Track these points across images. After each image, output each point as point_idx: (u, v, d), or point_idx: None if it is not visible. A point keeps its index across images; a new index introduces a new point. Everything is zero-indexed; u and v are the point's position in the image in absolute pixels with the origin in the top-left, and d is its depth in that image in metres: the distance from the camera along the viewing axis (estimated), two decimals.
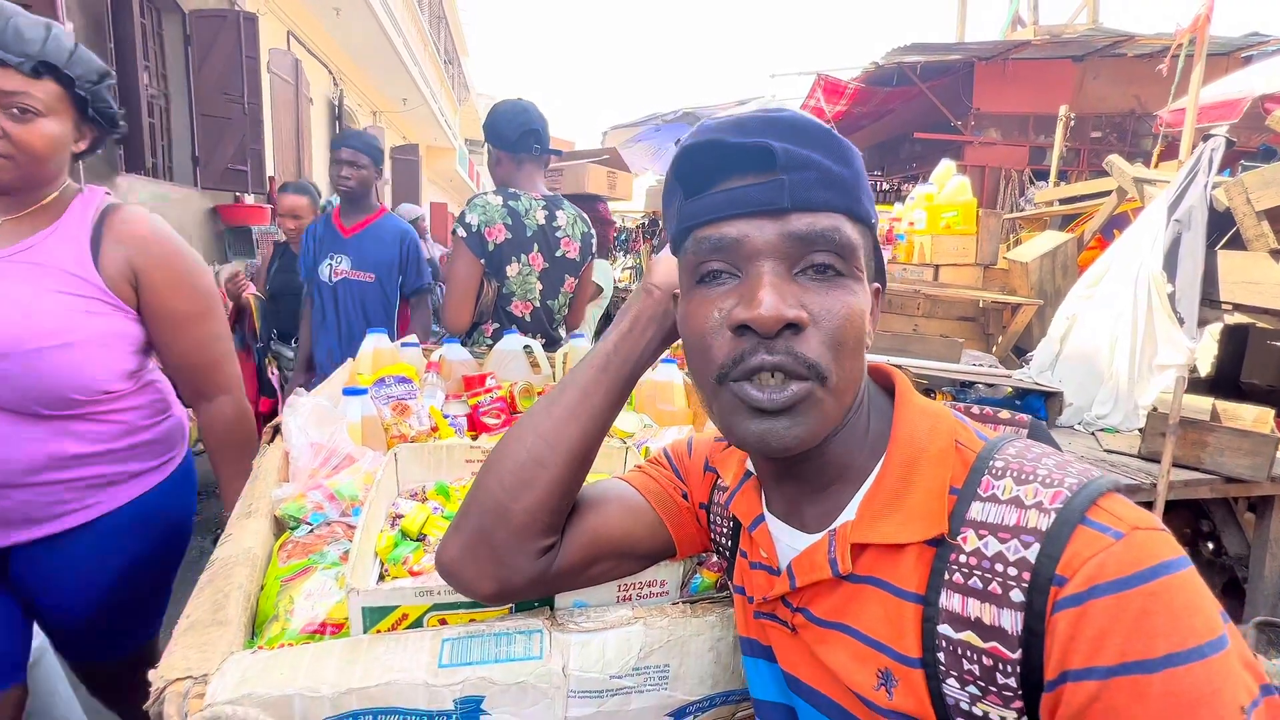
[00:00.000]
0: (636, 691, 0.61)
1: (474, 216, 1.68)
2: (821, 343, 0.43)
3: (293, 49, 6.53)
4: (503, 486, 0.55)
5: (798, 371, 0.43)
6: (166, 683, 0.54)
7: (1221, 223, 2.55)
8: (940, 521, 0.43)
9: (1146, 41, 6.02)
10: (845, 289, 0.44)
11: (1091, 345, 2.72)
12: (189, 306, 1.03)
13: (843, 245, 0.44)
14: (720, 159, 0.45)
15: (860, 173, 0.46)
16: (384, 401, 1.16)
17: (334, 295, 2.23)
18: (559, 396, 0.57)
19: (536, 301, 1.79)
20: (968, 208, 3.89)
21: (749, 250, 0.44)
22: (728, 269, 0.45)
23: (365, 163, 2.22)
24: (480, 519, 0.55)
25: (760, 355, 0.43)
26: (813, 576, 0.48)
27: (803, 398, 0.43)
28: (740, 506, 0.57)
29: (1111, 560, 0.36)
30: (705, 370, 0.46)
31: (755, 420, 0.44)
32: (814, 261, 0.44)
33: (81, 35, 3.56)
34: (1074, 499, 0.39)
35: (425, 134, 13.09)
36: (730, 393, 0.45)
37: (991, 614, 0.40)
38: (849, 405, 0.47)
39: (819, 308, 0.43)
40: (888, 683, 0.44)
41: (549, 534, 0.56)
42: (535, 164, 1.80)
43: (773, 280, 0.43)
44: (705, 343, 0.46)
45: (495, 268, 1.71)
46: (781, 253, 0.44)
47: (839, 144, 0.46)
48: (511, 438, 0.57)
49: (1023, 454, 0.44)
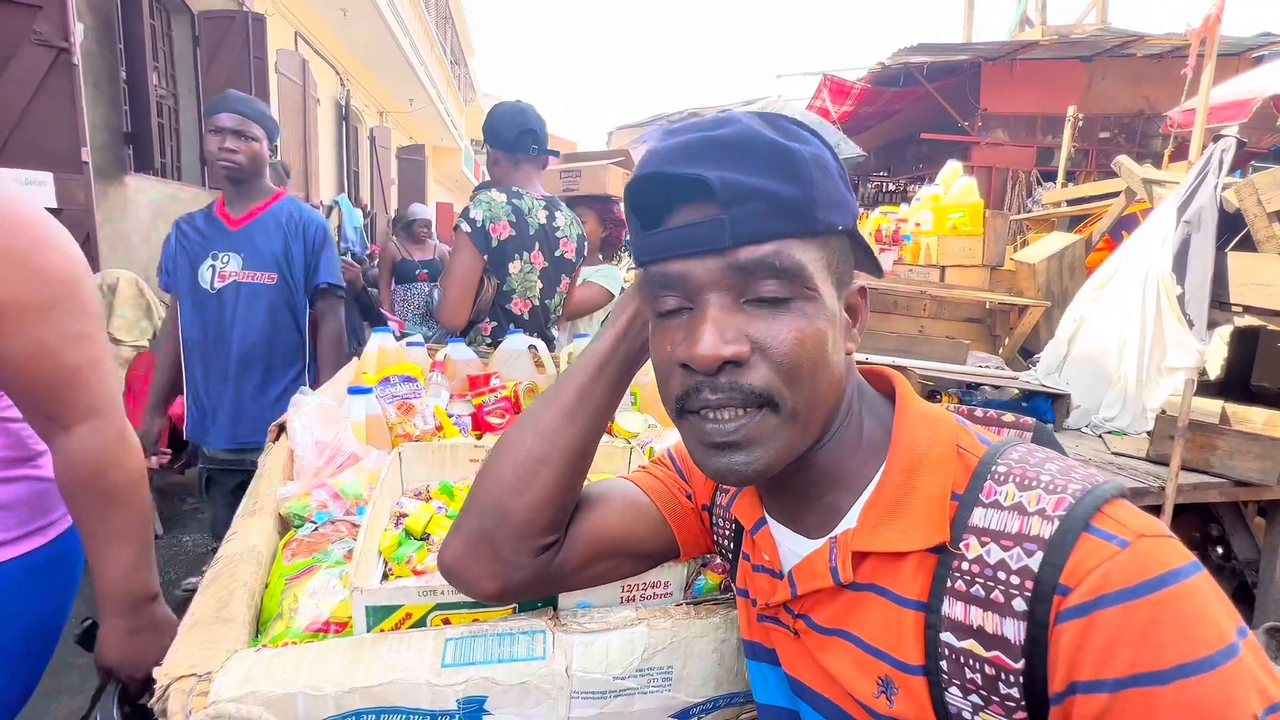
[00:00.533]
0: (640, 693, 0.61)
1: (478, 212, 1.67)
2: (770, 370, 0.43)
3: (300, 50, 6.56)
4: (503, 485, 0.55)
5: (746, 402, 0.43)
6: (170, 680, 0.54)
7: (1232, 224, 2.53)
8: (942, 529, 0.43)
9: (1156, 42, 5.98)
10: (795, 312, 0.43)
11: (1099, 347, 2.70)
12: (25, 293, 0.72)
13: (784, 270, 0.42)
14: (665, 188, 0.44)
15: (814, 182, 0.43)
16: (389, 400, 1.16)
17: (219, 305, 1.71)
18: (557, 395, 0.57)
19: (536, 300, 1.79)
20: (974, 209, 3.87)
21: (694, 285, 0.44)
22: (680, 303, 0.45)
23: (257, 134, 1.71)
24: (481, 518, 0.55)
25: (705, 393, 0.44)
26: (814, 584, 0.48)
27: (753, 428, 0.43)
28: (741, 509, 0.57)
29: (1117, 569, 0.36)
30: (667, 401, 0.47)
31: (714, 455, 0.45)
32: (758, 292, 0.43)
33: (92, 35, 3.59)
34: (1077, 506, 0.38)
35: (431, 134, 13.14)
36: (689, 424, 0.46)
37: (994, 623, 0.39)
38: (821, 422, 0.46)
39: (765, 335, 0.43)
40: (888, 690, 0.44)
41: (551, 532, 0.56)
42: (533, 164, 1.80)
43: (716, 315, 0.43)
44: (664, 374, 0.47)
45: (497, 264, 1.71)
46: (725, 284, 0.43)
47: (788, 160, 0.42)
48: (511, 436, 0.57)
49: (1025, 459, 0.44)
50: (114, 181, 3.80)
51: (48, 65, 2.83)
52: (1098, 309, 2.78)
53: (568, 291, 1.88)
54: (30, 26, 2.83)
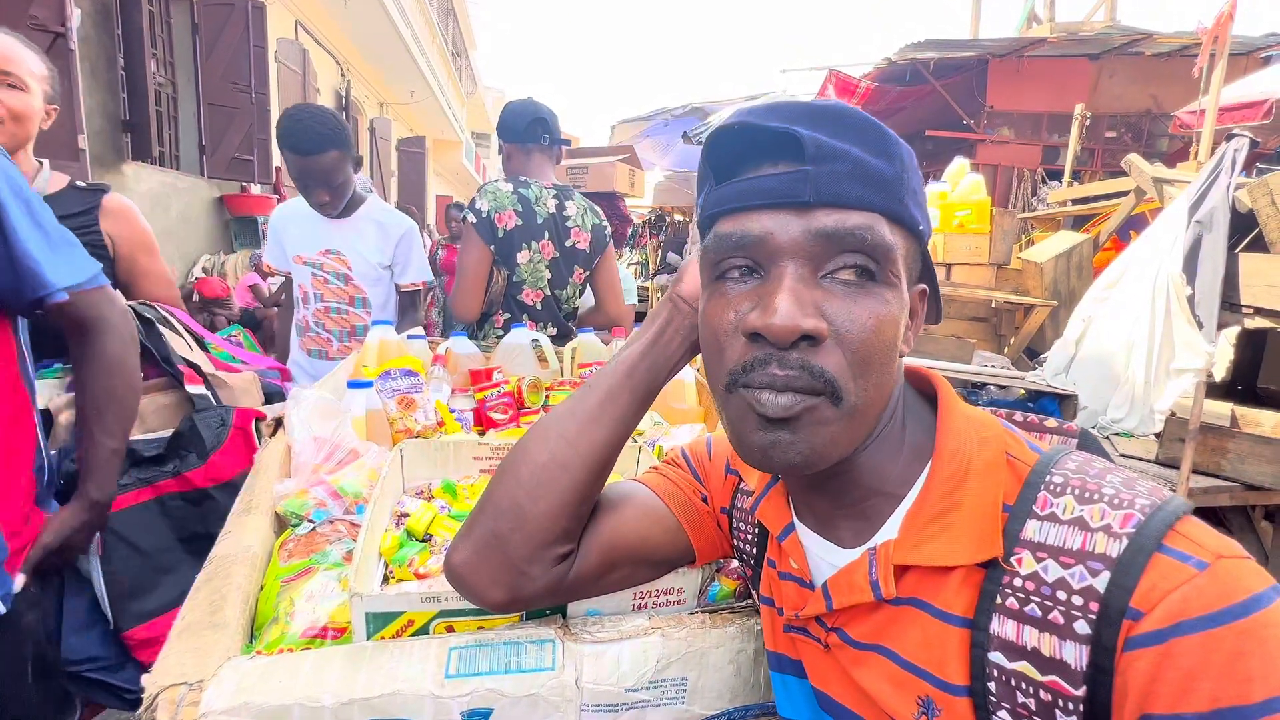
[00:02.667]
0: (653, 705, 0.58)
1: (484, 203, 1.68)
2: (842, 357, 0.40)
3: (300, 39, 6.50)
4: (522, 487, 0.52)
5: (812, 387, 0.40)
6: (160, 689, 0.51)
7: (1243, 224, 2.50)
8: (994, 543, 0.40)
9: (1165, 40, 5.94)
10: (876, 296, 0.41)
11: (1107, 348, 2.67)
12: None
13: (875, 247, 0.40)
14: (749, 145, 0.42)
15: (907, 171, 0.42)
16: (389, 395, 1.13)
17: None
18: (582, 400, 0.55)
19: (546, 290, 1.77)
20: (981, 206, 3.84)
21: (771, 248, 0.41)
22: (749, 266, 0.42)
23: None
24: (496, 521, 0.52)
25: (772, 368, 0.40)
26: (852, 599, 0.45)
27: (809, 413, 0.40)
28: (767, 513, 0.54)
29: (1196, 594, 0.33)
30: (717, 373, 0.44)
31: (761, 431, 0.41)
32: (842, 264, 0.40)
33: (90, 23, 3.54)
34: (1148, 523, 0.35)
35: (432, 126, 13.07)
36: (740, 399, 0.42)
37: (1052, 645, 0.36)
38: (873, 423, 0.43)
39: (843, 318, 0.40)
40: (929, 711, 0.41)
41: (566, 540, 0.54)
42: (544, 154, 1.80)
43: (793, 285, 0.40)
44: (719, 344, 0.43)
45: (505, 255, 1.71)
46: (806, 253, 0.40)
47: (882, 136, 0.41)
48: (532, 439, 0.55)
49: (1083, 469, 0.41)
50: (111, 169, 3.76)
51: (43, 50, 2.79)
52: (1106, 309, 2.75)
53: (582, 283, 1.86)
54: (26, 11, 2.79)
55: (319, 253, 1.82)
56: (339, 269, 1.83)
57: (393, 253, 1.86)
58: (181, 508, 1.12)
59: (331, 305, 1.85)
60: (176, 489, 1.12)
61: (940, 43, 6.16)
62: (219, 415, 1.17)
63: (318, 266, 1.82)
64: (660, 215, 10.10)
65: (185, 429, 1.14)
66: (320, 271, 1.83)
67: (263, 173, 5.21)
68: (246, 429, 1.19)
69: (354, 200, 1.84)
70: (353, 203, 1.84)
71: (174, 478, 1.11)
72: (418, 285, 1.92)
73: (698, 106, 8.03)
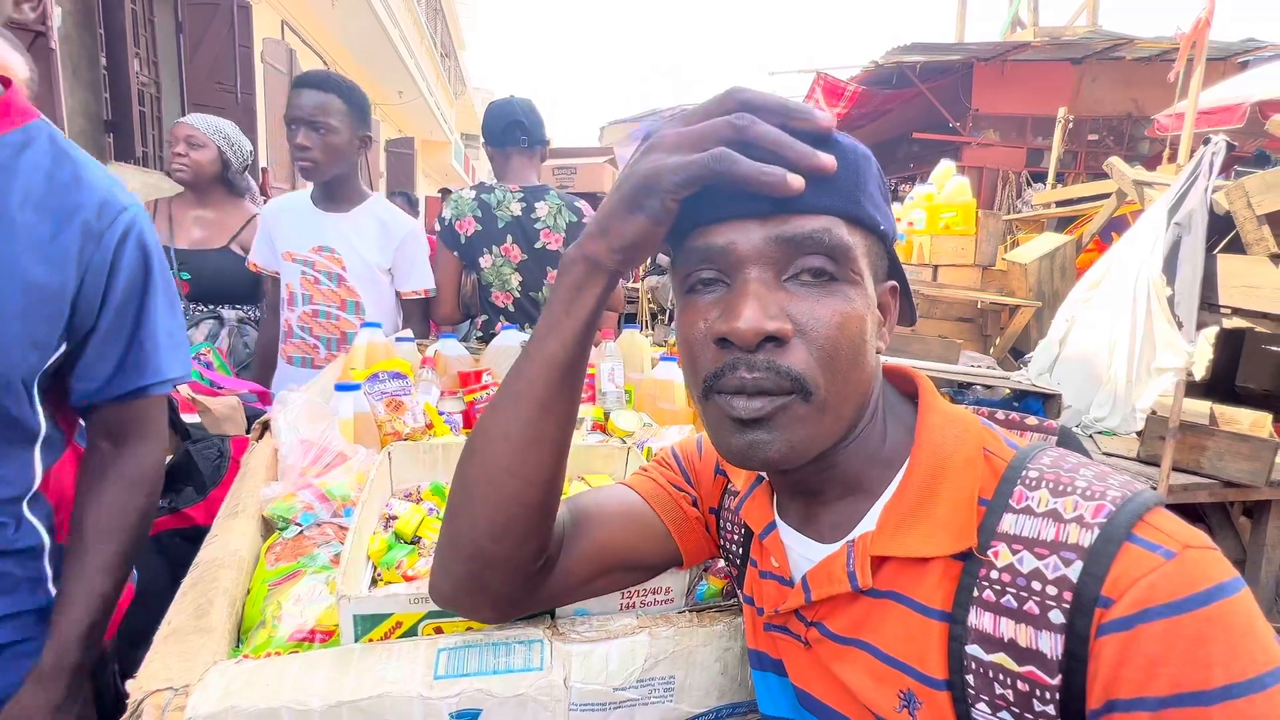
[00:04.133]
0: (641, 704, 0.59)
1: (447, 211, 1.77)
2: (808, 354, 0.41)
3: (287, 39, 6.45)
4: (481, 531, 0.49)
5: (780, 386, 0.41)
6: (145, 694, 0.51)
7: (1221, 226, 2.55)
8: (969, 534, 0.41)
9: (1145, 45, 6.04)
10: (838, 295, 0.42)
11: (1090, 348, 2.72)
12: None
13: (834, 247, 0.41)
14: None
15: (860, 175, 0.42)
16: (378, 397, 1.13)
17: None
18: (515, 416, 0.48)
19: (516, 292, 1.80)
20: (967, 208, 3.89)
21: (735, 257, 0.42)
22: (716, 276, 0.43)
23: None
24: (468, 565, 0.51)
25: (740, 371, 0.41)
26: (830, 590, 0.46)
27: (782, 412, 0.41)
28: (751, 513, 0.54)
29: (1163, 581, 0.34)
30: (694, 382, 0.45)
31: (737, 432, 0.42)
32: (804, 266, 0.41)
33: (71, 21, 3.49)
34: (1119, 513, 0.37)
35: (421, 127, 13.01)
36: (715, 406, 0.43)
37: (1028, 635, 0.37)
38: (850, 417, 0.44)
39: (807, 316, 0.41)
40: (910, 705, 0.42)
41: (539, 556, 0.53)
42: (523, 155, 1.82)
43: (756, 289, 0.41)
44: (693, 353, 0.44)
45: (469, 260, 1.78)
46: (769, 258, 0.41)
47: (835, 144, 0.42)
48: (476, 476, 0.49)
49: (1058, 463, 0.42)
50: None
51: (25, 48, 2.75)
52: (1089, 310, 2.80)
53: None
54: None
55: (311, 249, 1.64)
56: (332, 268, 1.65)
57: (394, 255, 1.69)
58: (180, 546, 1.02)
59: (320, 308, 1.66)
60: (174, 526, 1.04)
61: (926, 46, 6.23)
62: (216, 446, 1.10)
63: (308, 264, 1.64)
64: None
65: (180, 460, 1.06)
66: (311, 270, 1.64)
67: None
68: None
69: (355, 194, 1.68)
70: (354, 197, 1.67)
71: (172, 514, 1.03)
72: (420, 293, 1.74)
73: (687, 107, 8.05)
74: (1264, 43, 6.15)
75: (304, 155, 1.55)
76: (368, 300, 1.68)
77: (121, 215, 0.74)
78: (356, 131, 1.60)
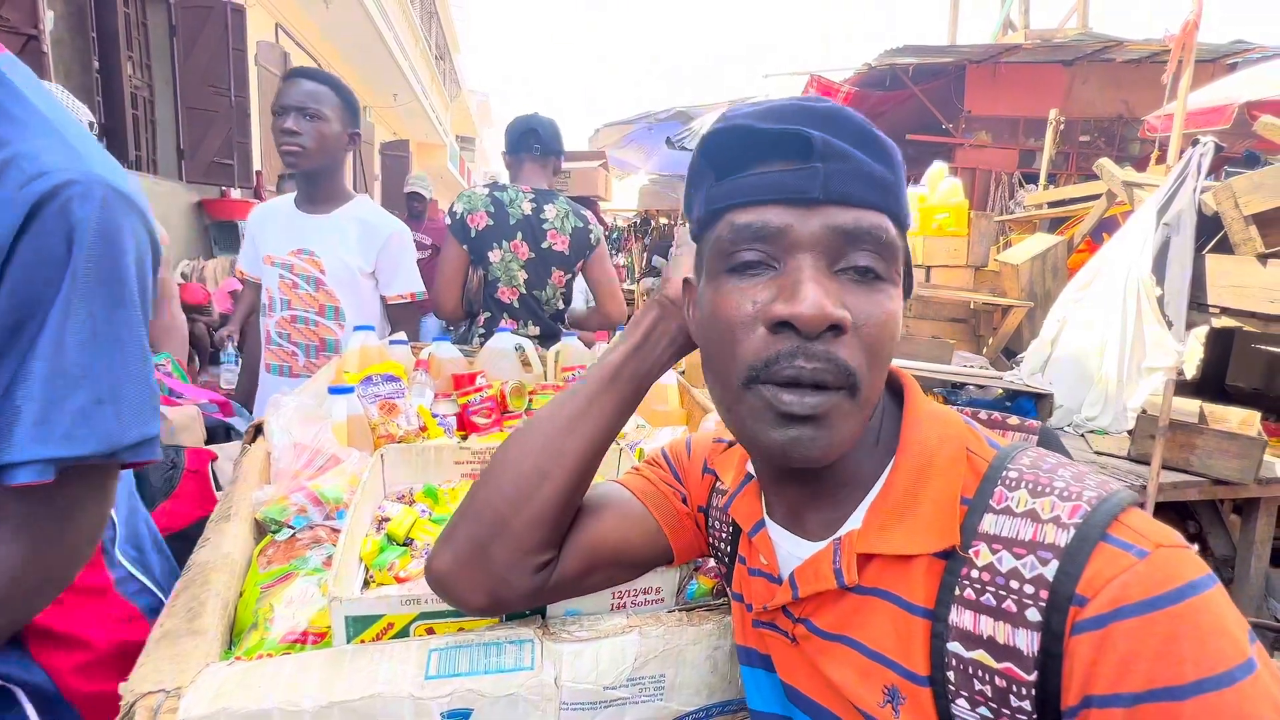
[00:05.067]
0: (631, 702, 0.59)
1: (459, 205, 1.81)
2: (860, 349, 0.41)
3: (281, 41, 6.44)
4: (504, 497, 0.53)
5: (838, 380, 0.40)
6: (136, 696, 0.51)
7: (1210, 227, 2.57)
8: (951, 533, 0.42)
9: (1135, 47, 6.09)
10: (884, 293, 0.42)
11: (1081, 348, 2.74)
12: None
13: (887, 246, 0.41)
14: (750, 146, 0.42)
15: (901, 175, 0.44)
16: (371, 400, 1.13)
17: None
18: (565, 406, 0.55)
19: (522, 288, 1.84)
20: (960, 210, 3.91)
21: (790, 241, 0.41)
22: (764, 259, 0.42)
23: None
24: (477, 529, 0.53)
25: (799, 361, 0.40)
26: (817, 587, 0.46)
27: (833, 407, 0.41)
28: (740, 511, 0.55)
29: (1136, 580, 0.34)
30: (730, 368, 0.42)
31: (782, 428, 0.41)
32: (856, 262, 0.41)
33: (63, 25, 3.48)
34: (1094, 514, 0.37)
35: (416, 130, 13.00)
36: (759, 396, 0.41)
37: (1006, 633, 0.38)
38: (870, 416, 0.45)
39: (860, 311, 0.41)
40: (894, 700, 0.43)
41: (548, 549, 0.54)
42: (536, 162, 1.89)
43: (815, 275, 0.40)
44: (734, 337, 0.42)
45: (478, 254, 1.81)
46: (823, 247, 0.41)
47: (878, 141, 0.42)
48: (513, 447, 0.55)
49: (1037, 464, 0.42)
50: None
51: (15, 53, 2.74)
52: (1080, 310, 2.82)
53: (564, 286, 1.91)
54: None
55: (290, 252, 1.58)
56: (310, 272, 1.58)
57: (376, 258, 1.61)
58: None
59: (299, 314, 1.58)
60: None
61: (919, 48, 6.26)
62: (168, 456, 1.02)
63: (287, 268, 1.57)
64: (645, 219, 10.13)
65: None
66: (289, 274, 1.57)
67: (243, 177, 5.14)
68: (202, 472, 1.05)
69: (339, 194, 1.61)
70: (337, 197, 1.61)
71: None
72: (406, 297, 1.67)
73: (681, 110, 8.06)
74: (1252, 44, 6.20)
75: (292, 141, 1.48)
76: (348, 305, 1.60)
77: (46, 178, 0.50)
78: (347, 127, 1.57)
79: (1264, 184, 2.32)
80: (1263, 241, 2.34)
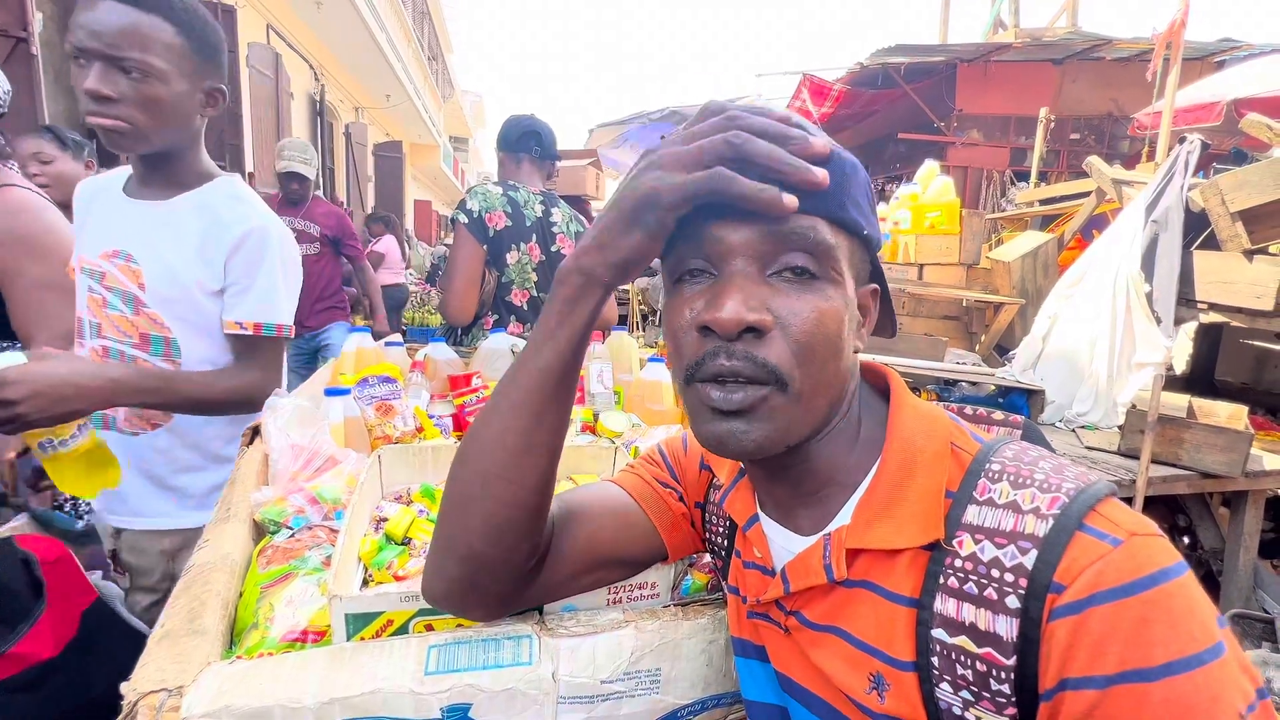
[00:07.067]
0: (628, 696, 0.60)
1: (475, 203, 1.71)
2: (786, 347, 0.43)
3: (272, 43, 6.41)
4: (476, 535, 0.51)
5: (756, 376, 0.42)
6: (139, 696, 0.52)
7: (1197, 223, 2.60)
8: (936, 526, 0.43)
9: (1124, 45, 6.14)
10: (818, 292, 0.43)
11: (1072, 344, 2.76)
12: None
13: (816, 245, 0.43)
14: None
15: (846, 180, 0.44)
16: (367, 402, 1.14)
17: None
18: (507, 428, 0.49)
19: (534, 291, 1.82)
20: (952, 208, 3.94)
21: (725, 249, 0.43)
22: (704, 267, 0.45)
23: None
24: (461, 567, 0.52)
25: (719, 359, 0.43)
26: (807, 581, 0.48)
27: (758, 402, 0.43)
28: (734, 506, 0.56)
29: (1110, 567, 0.36)
30: (677, 369, 0.46)
31: (715, 422, 0.44)
32: (788, 263, 0.43)
33: (53, 27, 3.46)
34: (1071, 505, 0.39)
35: (409, 131, 12.97)
36: (696, 393, 0.45)
37: (987, 619, 0.39)
38: (825, 411, 0.46)
39: (787, 311, 0.43)
40: (879, 686, 0.44)
41: (531, 556, 0.55)
42: (534, 165, 1.87)
43: (741, 281, 0.43)
44: (677, 341, 0.46)
45: (495, 255, 1.75)
46: (754, 252, 0.43)
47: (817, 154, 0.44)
48: (470, 482, 0.50)
49: (1019, 457, 0.44)
50: None
51: (5, 56, 2.73)
52: (1070, 307, 2.85)
53: None
54: None
55: (102, 254, 1.06)
56: (124, 286, 1.05)
57: (224, 268, 1.06)
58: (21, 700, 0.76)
59: (111, 344, 1.06)
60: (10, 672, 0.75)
61: (910, 47, 6.30)
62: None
63: (97, 277, 1.06)
64: None
65: None
66: (99, 286, 1.06)
67: None
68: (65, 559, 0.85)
69: (189, 175, 1.08)
70: (183, 180, 1.08)
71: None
72: (247, 327, 1.07)
73: (675, 110, 8.08)
74: (1240, 42, 6.27)
75: (105, 111, 0.94)
76: (184, 334, 1.07)
77: None
78: (200, 80, 1.02)
79: (1250, 181, 2.35)
80: (1249, 237, 2.37)
